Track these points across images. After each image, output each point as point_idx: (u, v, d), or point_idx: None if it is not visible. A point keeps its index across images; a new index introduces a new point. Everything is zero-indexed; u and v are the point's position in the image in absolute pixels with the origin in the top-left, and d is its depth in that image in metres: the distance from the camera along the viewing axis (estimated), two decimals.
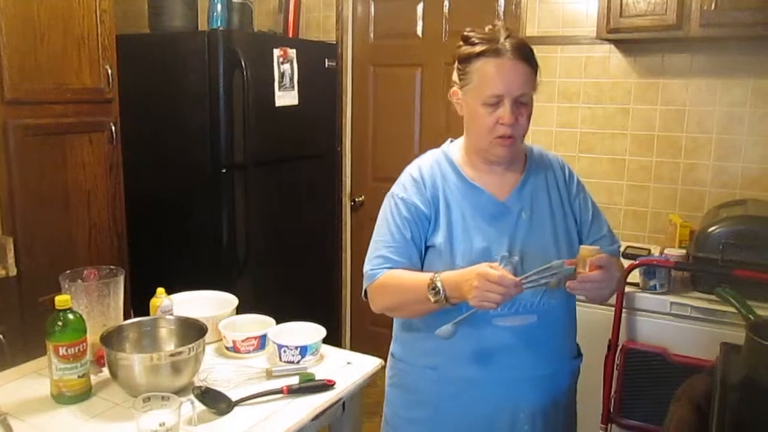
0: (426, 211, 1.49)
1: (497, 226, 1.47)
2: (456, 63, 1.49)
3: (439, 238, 1.47)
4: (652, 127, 2.85)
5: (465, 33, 1.48)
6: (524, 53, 1.42)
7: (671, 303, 2.22)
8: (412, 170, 1.56)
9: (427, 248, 1.50)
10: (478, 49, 1.42)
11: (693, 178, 2.80)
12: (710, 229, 2.22)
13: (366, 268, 1.52)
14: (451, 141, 1.64)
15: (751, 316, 1.54)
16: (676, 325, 2.21)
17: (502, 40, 1.41)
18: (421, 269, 1.49)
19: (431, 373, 1.50)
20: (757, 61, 2.61)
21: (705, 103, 2.74)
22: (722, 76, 2.69)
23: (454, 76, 1.51)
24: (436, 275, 1.37)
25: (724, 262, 2.14)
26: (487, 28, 1.46)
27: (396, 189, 1.55)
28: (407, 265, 1.47)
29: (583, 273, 1.31)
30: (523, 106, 1.44)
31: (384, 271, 1.47)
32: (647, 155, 2.87)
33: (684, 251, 2.39)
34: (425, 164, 1.56)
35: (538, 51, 3.12)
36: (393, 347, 1.63)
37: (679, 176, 2.82)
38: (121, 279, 1.71)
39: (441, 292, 1.34)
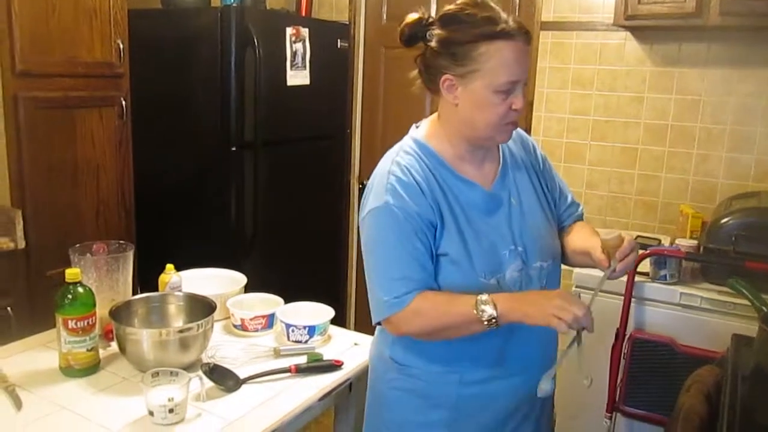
0: (431, 218, 1.32)
1: (495, 220, 1.38)
2: (441, 49, 1.33)
3: (452, 246, 1.33)
4: (665, 116, 2.82)
5: (449, 13, 1.33)
6: (528, 34, 1.30)
7: (681, 293, 2.20)
8: (394, 171, 1.35)
9: (437, 258, 1.34)
10: (483, 30, 1.27)
11: (705, 169, 2.77)
12: (723, 221, 2.20)
13: (384, 296, 1.32)
14: (417, 127, 1.50)
15: (764, 308, 1.52)
16: (685, 316, 2.20)
17: (504, 19, 1.27)
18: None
19: (452, 377, 1.40)
20: None
21: (720, 94, 2.70)
22: (738, 66, 2.66)
23: (441, 62, 1.33)
24: (483, 296, 1.25)
25: (736, 253, 2.13)
26: (460, 7, 1.32)
27: (386, 198, 1.32)
28: (428, 279, 1.32)
29: (618, 264, 1.27)
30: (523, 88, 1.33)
31: (413, 295, 1.29)
32: (660, 145, 2.85)
33: (695, 242, 2.37)
34: (406, 160, 1.37)
35: (553, 36, 3.12)
36: (391, 351, 1.45)
37: (691, 167, 2.80)
38: (131, 254, 1.71)
39: (494, 312, 1.23)
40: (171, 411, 1.28)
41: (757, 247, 2.11)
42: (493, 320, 1.23)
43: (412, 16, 1.39)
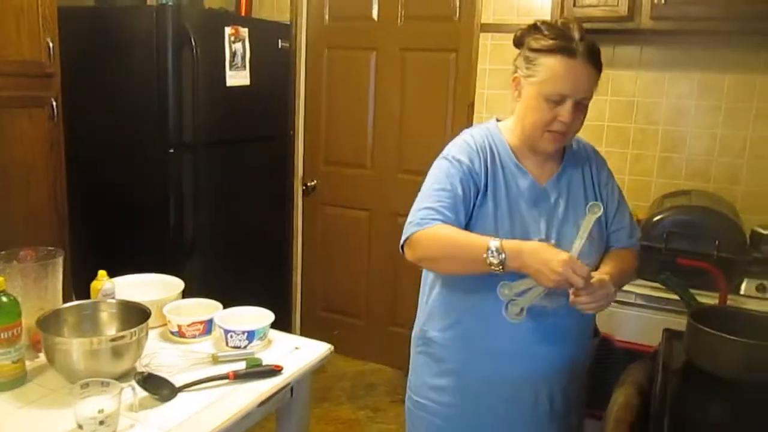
0: (479, 175, 1.50)
1: (536, 210, 1.51)
2: (523, 50, 1.49)
3: (484, 216, 1.49)
4: (602, 117, 2.89)
5: (536, 23, 1.48)
6: (596, 57, 1.44)
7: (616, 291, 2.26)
8: (465, 138, 1.57)
9: (472, 215, 1.50)
10: (551, 43, 1.42)
11: (640, 168, 2.86)
12: (655, 219, 2.27)
13: (413, 217, 1.49)
14: (498, 120, 1.65)
15: (693, 303, 1.58)
16: (621, 312, 2.26)
17: (576, 39, 1.41)
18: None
19: (461, 343, 1.55)
20: (704, 55, 2.67)
21: (653, 95, 2.79)
22: (670, 69, 2.75)
23: (519, 62, 1.51)
24: (495, 240, 1.37)
25: (667, 250, 2.20)
26: (560, 22, 1.46)
27: (451, 151, 1.55)
28: (454, 221, 1.46)
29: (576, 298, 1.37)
30: (582, 107, 1.46)
31: (436, 222, 1.44)
32: (597, 145, 2.85)
33: None
34: (478, 135, 1.57)
35: (493, 39, 3.16)
36: (423, 323, 1.64)
37: (626, 166, 2.88)
38: (60, 261, 1.64)
39: (501, 257, 1.35)
40: (101, 423, 1.24)
41: (688, 244, 2.19)
42: (499, 267, 1.35)
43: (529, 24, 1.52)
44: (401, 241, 1.50)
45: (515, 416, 1.56)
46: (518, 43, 1.53)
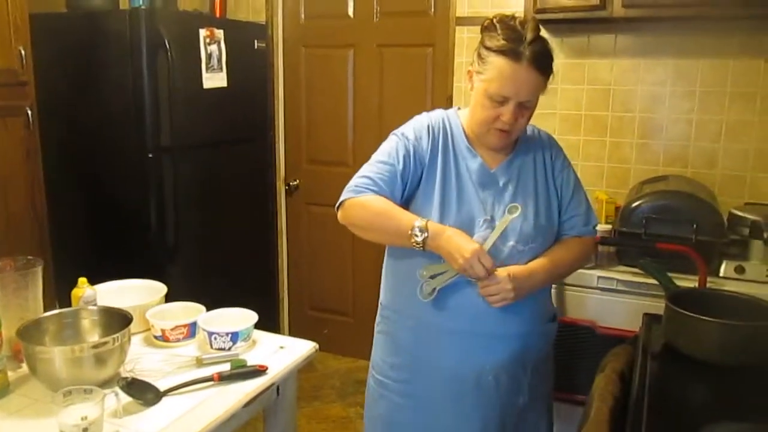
0: (425, 152, 1.58)
1: (484, 192, 1.57)
2: (479, 45, 1.52)
3: (434, 187, 1.56)
4: (579, 106, 2.91)
5: (493, 20, 1.50)
6: (542, 63, 1.46)
7: (598, 277, 2.29)
8: (420, 118, 1.65)
9: (415, 192, 1.60)
10: (500, 44, 1.45)
11: (618, 155, 2.88)
12: (633, 205, 2.29)
13: (351, 183, 1.59)
14: (459, 108, 1.71)
15: (671, 287, 1.60)
16: (603, 299, 2.29)
17: (526, 42, 1.43)
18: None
19: (411, 321, 1.63)
20: (677, 41, 2.70)
21: (629, 83, 2.82)
22: (644, 56, 2.77)
23: (474, 56, 1.54)
24: (420, 220, 1.48)
25: (647, 235, 2.22)
26: (518, 20, 1.48)
27: (401, 129, 1.64)
28: (389, 194, 1.56)
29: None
30: (525, 108, 1.51)
31: (369, 192, 1.55)
32: (575, 134, 2.94)
33: (610, 227, 2.46)
34: (435, 116, 1.65)
35: (469, 32, 3.16)
36: (381, 296, 1.76)
37: (605, 154, 2.90)
38: (39, 270, 1.63)
39: (424, 236, 1.46)
40: (85, 430, 1.23)
41: (667, 228, 2.21)
42: (420, 244, 1.47)
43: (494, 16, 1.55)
44: (336, 204, 1.62)
45: (461, 394, 1.61)
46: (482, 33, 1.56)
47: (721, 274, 2.26)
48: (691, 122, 2.74)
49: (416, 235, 1.46)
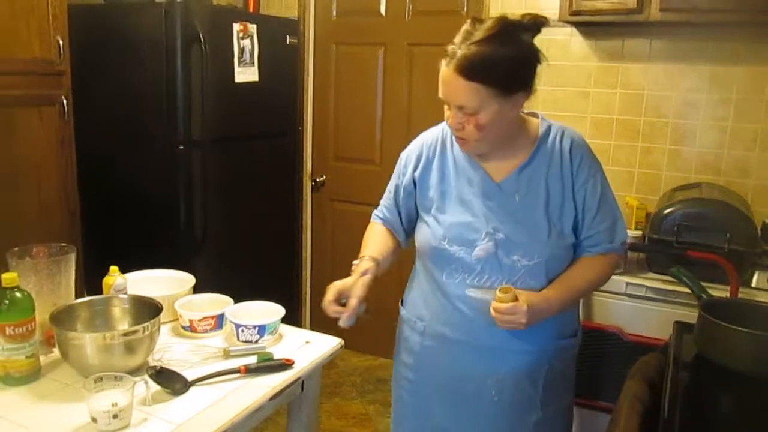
0: (410, 178, 1.63)
1: (487, 204, 1.51)
2: None
3: (431, 207, 1.58)
4: (611, 110, 2.88)
5: (466, 24, 1.43)
6: (468, 69, 1.35)
7: (627, 283, 2.26)
8: (422, 135, 1.68)
9: (418, 214, 1.65)
10: (448, 45, 1.41)
11: (649, 161, 2.84)
12: (665, 212, 2.26)
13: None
14: None
15: (703, 295, 1.57)
16: (632, 305, 2.26)
17: (456, 44, 1.37)
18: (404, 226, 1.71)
19: (419, 324, 1.66)
20: (713, 47, 2.66)
21: (662, 88, 2.78)
22: (679, 61, 2.73)
23: None
24: (365, 259, 1.58)
25: (678, 243, 2.19)
26: (466, 26, 1.40)
27: (407, 148, 1.70)
28: (390, 220, 1.70)
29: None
30: (470, 115, 1.40)
31: (378, 221, 1.72)
32: (606, 138, 2.91)
33: (640, 233, 2.43)
34: (433, 130, 1.66)
35: None
36: (404, 295, 1.80)
37: (636, 160, 2.87)
38: (72, 257, 1.65)
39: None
40: (115, 416, 1.25)
41: (698, 237, 2.18)
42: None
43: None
44: None
45: (460, 404, 1.61)
46: None
47: (753, 285, 2.22)
48: (725, 130, 2.69)
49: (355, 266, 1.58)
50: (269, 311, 1.73)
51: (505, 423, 1.59)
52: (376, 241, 1.67)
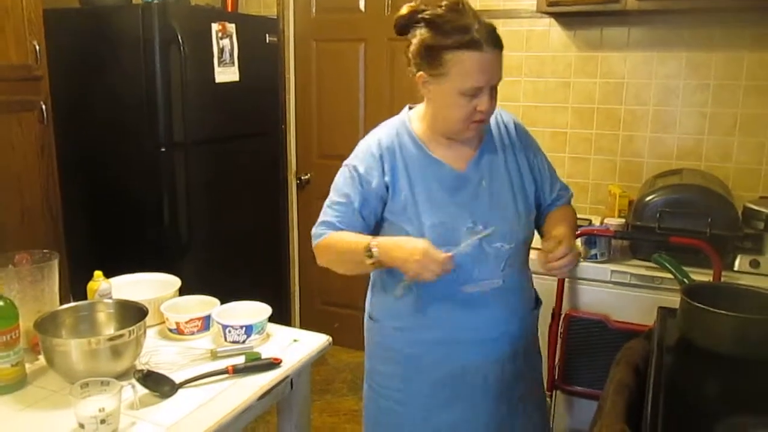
0: (380, 184, 1.52)
1: (459, 197, 1.51)
2: (417, 46, 1.45)
3: (406, 211, 1.51)
4: (592, 100, 2.90)
5: (431, 18, 1.41)
6: (498, 40, 1.41)
7: (612, 271, 2.28)
8: (370, 141, 1.57)
9: (386, 219, 1.56)
10: (453, 41, 1.38)
11: (632, 149, 2.86)
12: (647, 199, 2.28)
13: (313, 230, 1.60)
14: (410, 108, 1.63)
15: (685, 281, 1.59)
16: (617, 292, 2.28)
17: (475, 27, 1.37)
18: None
19: (399, 333, 1.61)
20: (690, 34, 2.68)
21: (642, 76, 2.80)
22: (658, 49, 2.75)
23: (417, 60, 1.46)
24: (374, 240, 1.45)
25: (660, 229, 2.21)
26: (458, 12, 1.40)
27: (351, 159, 1.58)
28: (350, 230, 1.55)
29: (549, 264, 1.43)
30: (495, 90, 1.45)
31: (328, 234, 1.55)
32: (588, 128, 2.93)
33: (623, 220, 2.45)
34: (384, 135, 1.57)
35: None
36: (367, 307, 1.73)
37: (618, 148, 2.89)
38: (56, 263, 1.64)
39: (375, 256, 1.43)
40: (102, 422, 1.24)
41: (681, 222, 2.20)
42: (377, 263, 1.44)
43: (404, 9, 1.49)
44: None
45: (457, 398, 1.60)
46: (403, 31, 1.50)
47: (735, 269, 2.24)
48: (705, 115, 2.72)
49: (368, 257, 1.44)
50: (256, 311, 1.73)
51: (494, 403, 1.61)
52: (355, 235, 1.54)
